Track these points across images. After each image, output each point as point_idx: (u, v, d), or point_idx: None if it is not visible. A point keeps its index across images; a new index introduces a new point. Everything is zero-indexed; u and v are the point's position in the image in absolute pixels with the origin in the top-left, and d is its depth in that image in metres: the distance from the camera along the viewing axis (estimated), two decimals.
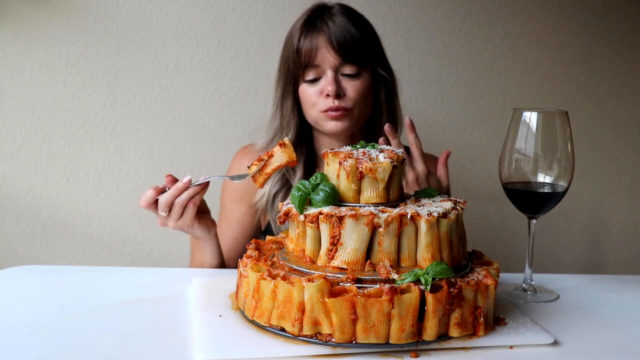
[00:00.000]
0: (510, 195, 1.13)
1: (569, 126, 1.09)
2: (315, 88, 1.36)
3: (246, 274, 0.93)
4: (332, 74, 1.34)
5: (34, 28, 1.77)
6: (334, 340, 0.83)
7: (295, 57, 1.37)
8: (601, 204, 2.12)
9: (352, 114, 1.37)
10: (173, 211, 1.12)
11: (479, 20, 1.97)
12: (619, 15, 2.04)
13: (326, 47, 1.34)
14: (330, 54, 1.34)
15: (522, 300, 1.09)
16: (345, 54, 1.34)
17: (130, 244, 1.88)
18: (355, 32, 1.36)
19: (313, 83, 1.37)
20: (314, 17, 1.38)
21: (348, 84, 1.36)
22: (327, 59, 1.34)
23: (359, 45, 1.36)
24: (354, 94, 1.36)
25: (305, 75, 1.37)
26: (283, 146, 1.06)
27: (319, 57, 1.35)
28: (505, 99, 2.01)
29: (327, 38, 1.34)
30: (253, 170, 1.08)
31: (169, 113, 1.85)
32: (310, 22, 1.37)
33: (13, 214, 1.82)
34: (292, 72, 1.39)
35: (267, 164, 1.07)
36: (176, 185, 1.11)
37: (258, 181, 1.08)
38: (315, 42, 1.34)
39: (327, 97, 1.35)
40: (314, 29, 1.36)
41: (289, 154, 1.05)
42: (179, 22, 1.83)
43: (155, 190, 1.11)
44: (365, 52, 1.38)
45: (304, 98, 1.39)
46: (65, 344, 0.85)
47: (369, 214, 0.88)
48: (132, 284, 1.11)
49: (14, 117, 1.79)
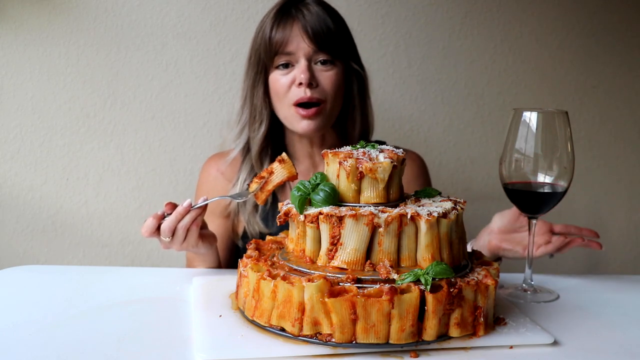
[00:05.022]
0: (510, 195, 1.13)
1: (569, 126, 1.09)
2: (287, 77, 1.33)
3: (246, 274, 0.93)
4: (305, 62, 1.31)
5: (34, 28, 1.77)
6: (334, 340, 0.83)
7: (267, 44, 1.33)
8: (601, 204, 2.12)
9: (324, 109, 1.34)
10: (176, 236, 1.11)
11: (479, 20, 1.97)
12: (618, 16, 2.04)
13: (301, 35, 1.31)
14: (305, 42, 1.31)
15: (522, 300, 1.09)
16: (319, 42, 1.32)
17: (130, 244, 1.88)
18: (330, 23, 1.34)
19: (284, 70, 1.33)
20: (288, 5, 1.36)
21: (321, 74, 1.33)
22: (301, 46, 1.31)
23: (333, 35, 1.34)
24: (328, 85, 1.33)
25: (276, 61, 1.33)
26: (282, 162, 1.06)
27: (292, 45, 1.31)
28: (505, 99, 2.01)
29: (302, 26, 1.31)
30: (254, 189, 1.08)
31: (169, 113, 1.85)
32: (285, 10, 1.35)
33: (13, 214, 1.82)
34: (263, 60, 1.35)
35: (268, 181, 1.07)
36: (177, 210, 1.10)
37: (260, 198, 1.09)
38: (289, 30, 1.32)
39: (299, 86, 1.31)
40: (288, 17, 1.33)
41: (288, 169, 1.06)
42: (179, 22, 1.83)
43: (156, 218, 1.09)
44: (339, 43, 1.36)
45: (275, 88, 1.35)
46: (65, 344, 0.85)
47: (369, 214, 0.88)
48: (132, 284, 1.11)
49: (14, 117, 1.79)
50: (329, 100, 1.34)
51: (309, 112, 1.32)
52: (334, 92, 1.35)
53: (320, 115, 1.34)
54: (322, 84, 1.33)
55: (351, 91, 1.42)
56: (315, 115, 1.33)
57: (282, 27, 1.32)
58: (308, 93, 1.31)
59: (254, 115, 1.40)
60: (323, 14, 1.34)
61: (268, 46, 1.33)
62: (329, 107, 1.35)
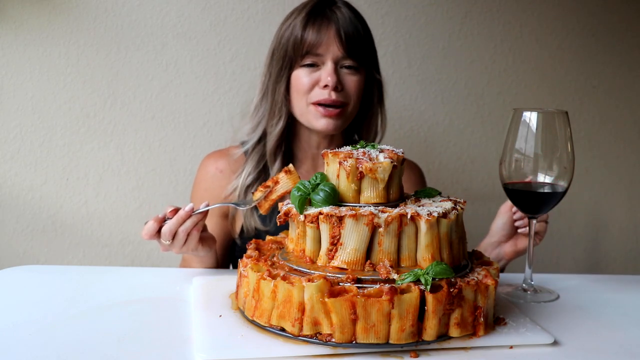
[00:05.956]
0: (510, 195, 1.13)
1: (569, 126, 1.09)
2: (312, 77, 1.33)
3: (246, 274, 0.93)
4: (332, 65, 1.32)
5: (34, 28, 1.77)
6: (334, 340, 0.83)
7: (297, 42, 1.32)
8: (601, 204, 2.12)
9: (346, 111, 1.35)
10: (177, 239, 1.11)
11: (479, 20, 1.97)
12: (618, 16, 2.04)
13: (333, 37, 1.31)
14: (336, 45, 1.31)
15: (522, 300, 1.09)
16: (350, 47, 1.32)
17: (130, 244, 1.88)
18: (361, 29, 1.36)
19: (310, 69, 1.33)
20: (321, 5, 1.35)
21: (347, 78, 1.34)
22: (332, 49, 1.32)
23: (363, 41, 1.35)
24: (352, 89, 1.34)
25: (304, 61, 1.33)
26: (288, 173, 1.06)
27: (323, 46, 1.31)
28: (505, 99, 2.01)
29: (337, 29, 1.31)
30: (258, 197, 1.07)
31: (169, 113, 1.85)
32: (319, 10, 1.34)
33: (13, 214, 1.82)
34: (290, 56, 1.34)
35: (273, 190, 1.07)
36: (179, 213, 1.10)
37: (263, 207, 1.08)
38: (325, 31, 1.31)
39: (324, 88, 1.32)
40: (323, 18, 1.33)
41: (294, 181, 1.06)
42: (179, 22, 1.83)
43: (157, 222, 1.09)
44: (366, 50, 1.37)
45: (297, 84, 1.35)
46: (65, 344, 0.85)
47: (369, 214, 0.88)
48: (132, 284, 1.11)
49: (14, 117, 1.79)
50: (350, 104, 1.36)
51: (331, 112, 1.33)
52: (357, 97, 1.36)
53: (341, 117, 1.35)
54: (347, 88, 1.34)
55: (371, 99, 1.43)
56: (336, 116, 1.34)
57: (317, 28, 1.32)
58: (333, 96, 1.32)
59: (274, 110, 1.39)
60: (355, 19, 1.35)
61: (299, 44, 1.33)
62: (349, 110, 1.36)
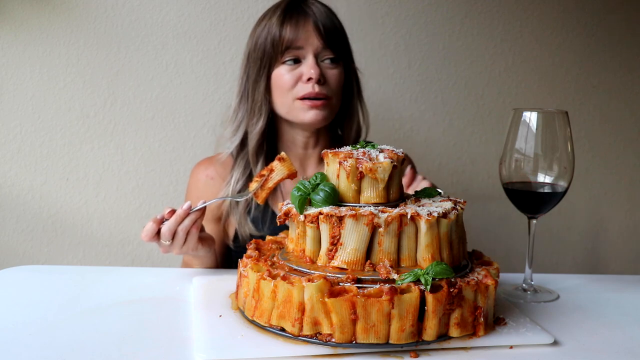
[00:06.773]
0: (510, 195, 1.13)
1: (569, 126, 1.09)
2: (294, 73, 1.34)
3: (246, 274, 0.93)
4: (313, 58, 1.33)
5: (34, 28, 1.77)
6: (334, 340, 0.83)
7: (276, 39, 1.34)
8: (601, 204, 2.12)
9: (331, 103, 1.36)
10: (176, 239, 1.11)
11: (479, 20, 1.97)
12: (618, 16, 2.04)
13: (312, 30, 1.33)
14: (315, 37, 1.33)
15: (522, 300, 1.09)
16: (329, 38, 1.34)
17: (130, 244, 1.88)
18: (337, 22, 1.39)
19: (293, 65, 1.34)
20: (295, 3, 1.38)
21: (328, 72, 1.35)
22: (311, 41, 1.33)
23: (340, 34, 1.38)
24: (334, 82, 1.36)
25: (284, 57, 1.34)
26: (282, 160, 1.07)
27: (302, 40, 1.33)
28: (505, 99, 2.01)
29: (314, 21, 1.34)
30: (254, 187, 1.08)
31: (169, 113, 1.85)
32: (293, 7, 1.37)
33: (13, 214, 1.82)
34: (269, 55, 1.35)
35: (268, 179, 1.08)
36: (177, 212, 1.10)
37: (260, 197, 1.09)
38: (302, 25, 1.33)
39: (307, 82, 1.33)
40: (299, 13, 1.35)
41: (288, 167, 1.07)
42: (179, 22, 1.83)
43: (155, 222, 1.09)
44: (343, 43, 1.40)
45: (279, 82, 1.35)
46: (65, 344, 0.85)
47: (369, 214, 0.88)
48: (132, 284, 1.11)
49: (14, 117, 1.79)
50: (334, 97, 1.37)
51: (317, 103, 1.34)
52: (339, 89, 1.38)
53: (327, 108, 1.36)
54: (329, 81, 1.35)
55: (351, 92, 1.44)
56: (322, 107, 1.35)
57: (294, 23, 1.33)
58: (316, 89, 1.33)
59: (254, 110, 1.39)
60: (330, 13, 1.38)
61: (278, 41, 1.34)
62: (334, 103, 1.38)
